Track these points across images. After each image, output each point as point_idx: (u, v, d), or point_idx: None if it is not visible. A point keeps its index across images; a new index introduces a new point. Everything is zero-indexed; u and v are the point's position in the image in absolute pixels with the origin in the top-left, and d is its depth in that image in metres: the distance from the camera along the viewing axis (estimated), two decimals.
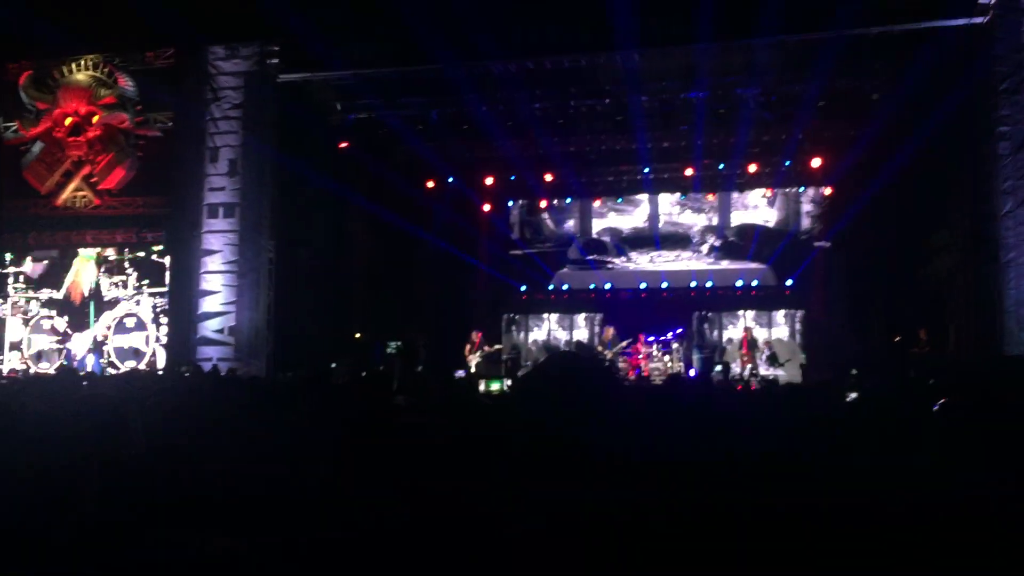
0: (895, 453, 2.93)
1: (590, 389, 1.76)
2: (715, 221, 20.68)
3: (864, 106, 16.21)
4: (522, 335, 21.39)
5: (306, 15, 15.41)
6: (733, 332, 19.74)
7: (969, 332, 15.26)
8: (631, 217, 21.17)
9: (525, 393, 1.89)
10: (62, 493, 2.90)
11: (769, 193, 20.19)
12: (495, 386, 6.08)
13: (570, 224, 21.71)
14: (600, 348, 18.60)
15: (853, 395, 6.50)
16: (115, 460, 3.10)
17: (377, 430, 2.64)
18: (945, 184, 15.96)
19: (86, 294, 17.62)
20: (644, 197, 20.82)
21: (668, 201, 20.87)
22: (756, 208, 20.51)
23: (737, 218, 20.66)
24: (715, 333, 20.04)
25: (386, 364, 17.22)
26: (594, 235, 21.53)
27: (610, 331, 18.56)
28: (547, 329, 21.24)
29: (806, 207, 20.13)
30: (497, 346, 19.29)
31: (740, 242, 20.59)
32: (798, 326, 19.59)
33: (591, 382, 1.81)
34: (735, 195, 20.40)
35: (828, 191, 19.38)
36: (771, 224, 20.47)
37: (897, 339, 16.51)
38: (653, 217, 20.86)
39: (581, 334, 20.97)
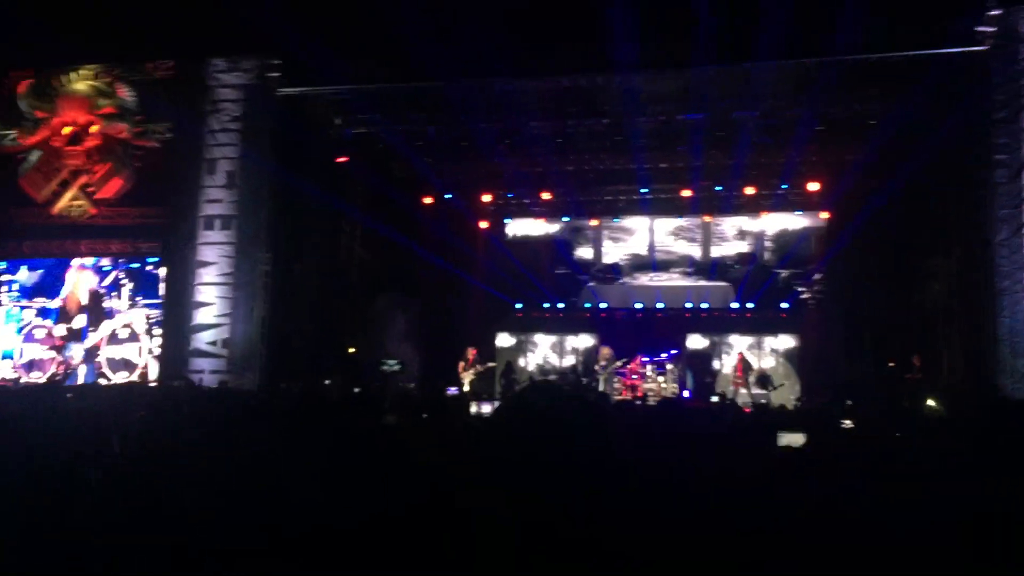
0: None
1: (570, 430, 1.68)
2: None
3: (862, 132, 16.25)
4: (518, 354, 21.34)
5: (307, 30, 15.46)
6: (727, 356, 19.71)
7: (963, 359, 15.27)
8: (626, 244, 21.18)
9: (497, 429, 1.77)
10: (31, 505, 2.87)
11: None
12: (487, 408, 6.02)
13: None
14: (595, 368, 18.58)
15: (848, 423, 6.50)
16: (88, 472, 3.07)
17: (361, 450, 2.61)
18: (940, 211, 16.02)
19: (84, 303, 17.58)
20: (640, 224, 20.81)
21: (663, 230, 20.87)
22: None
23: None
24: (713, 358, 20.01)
25: (381, 381, 17.16)
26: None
27: (606, 351, 18.53)
28: (543, 347, 21.17)
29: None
30: (490, 363, 19.23)
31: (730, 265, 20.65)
32: (793, 351, 19.56)
33: (572, 420, 1.71)
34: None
35: (824, 216, 19.41)
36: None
37: (891, 365, 16.50)
38: (650, 245, 20.86)
39: (583, 342, 20.90)
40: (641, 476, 2.14)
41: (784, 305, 19.82)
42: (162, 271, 17.21)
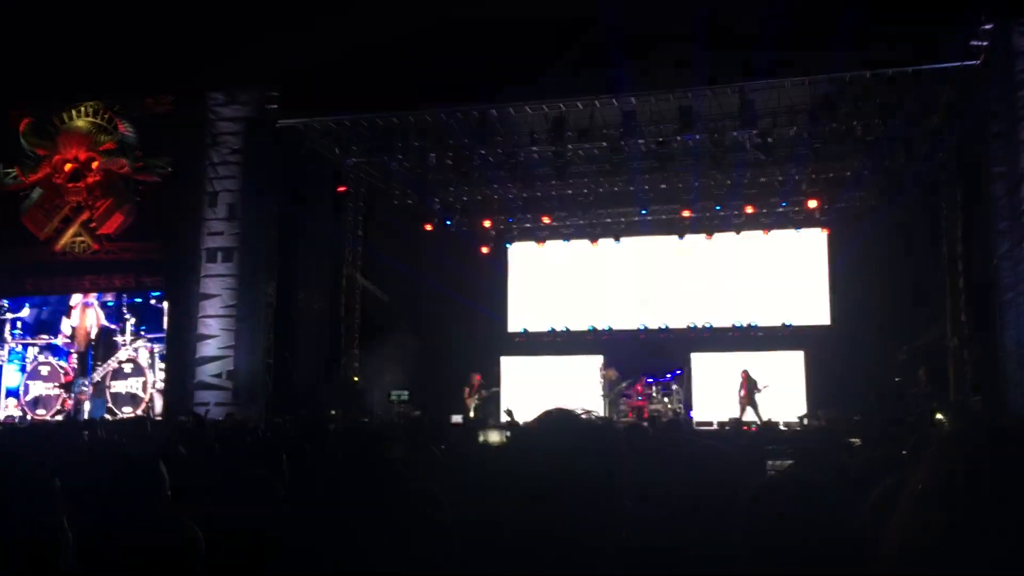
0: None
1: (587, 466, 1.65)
2: None
3: (859, 148, 16.29)
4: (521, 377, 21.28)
5: (304, 61, 15.58)
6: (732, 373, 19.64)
7: (968, 373, 15.23)
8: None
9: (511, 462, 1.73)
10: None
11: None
12: (494, 437, 5.99)
13: None
14: (602, 390, 18.53)
15: (856, 440, 6.47)
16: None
17: (365, 485, 2.60)
18: (940, 225, 16.04)
19: (91, 339, 17.61)
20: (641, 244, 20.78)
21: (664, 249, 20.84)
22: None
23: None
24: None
25: (386, 412, 17.10)
26: None
27: (612, 372, 18.47)
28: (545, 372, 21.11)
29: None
30: (494, 389, 19.19)
31: None
32: (798, 367, 19.50)
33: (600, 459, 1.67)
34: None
35: (824, 232, 19.43)
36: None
37: (896, 380, 16.46)
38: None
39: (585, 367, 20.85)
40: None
41: (788, 323, 19.78)
42: (165, 305, 17.23)
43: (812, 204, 18.52)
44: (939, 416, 13.48)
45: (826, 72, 14.12)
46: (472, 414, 17.60)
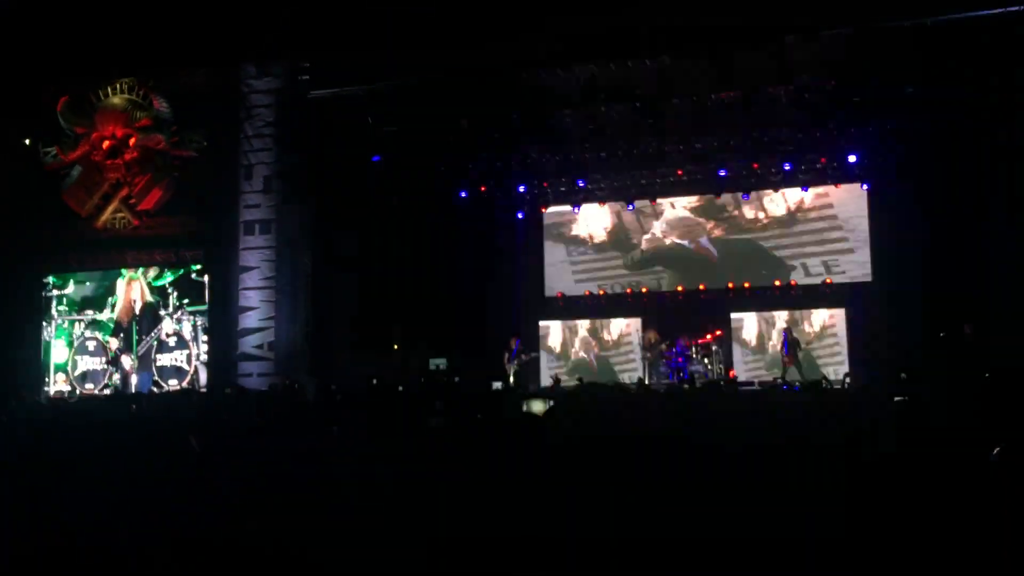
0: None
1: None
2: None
3: (900, 101, 15.93)
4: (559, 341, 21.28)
5: (335, 31, 15.53)
6: (773, 333, 19.49)
7: (1015, 326, 14.96)
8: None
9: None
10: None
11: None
12: (537, 406, 6.01)
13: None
14: (641, 351, 18.52)
15: (901, 398, 6.39)
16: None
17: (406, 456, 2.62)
18: (985, 177, 15.68)
19: (136, 313, 17.88)
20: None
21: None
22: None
23: None
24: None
25: (427, 378, 17.19)
26: None
27: (652, 334, 18.41)
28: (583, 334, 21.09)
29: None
30: (534, 354, 19.22)
31: None
32: (840, 325, 19.29)
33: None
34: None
35: (865, 188, 19.08)
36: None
37: (941, 335, 16.21)
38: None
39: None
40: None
41: (829, 280, 19.54)
42: (206, 278, 17.43)
43: (852, 159, 18.17)
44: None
45: (864, 23, 13.78)
46: (512, 380, 17.65)
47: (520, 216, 21.22)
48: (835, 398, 8.93)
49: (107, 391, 17.43)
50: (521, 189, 20.47)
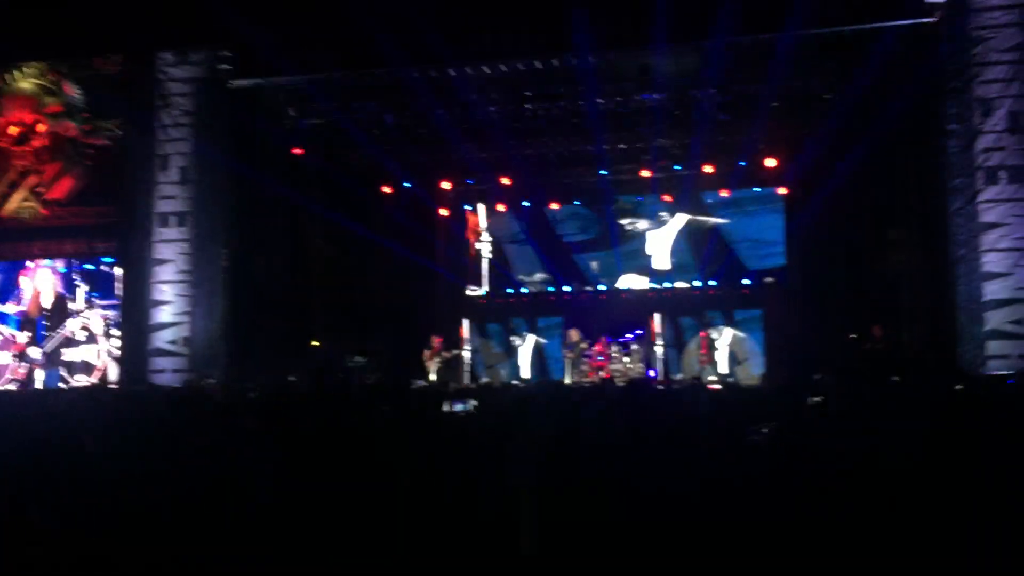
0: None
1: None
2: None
3: (817, 106, 16.34)
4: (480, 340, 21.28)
5: (257, 19, 15.20)
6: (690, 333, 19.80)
7: (923, 328, 15.47)
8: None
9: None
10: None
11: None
12: (458, 407, 5.96)
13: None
14: (564, 350, 18.63)
15: (816, 399, 6.52)
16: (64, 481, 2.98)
17: (328, 453, 2.54)
18: (898, 182, 16.18)
19: (45, 307, 17.27)
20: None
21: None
22: None
23: None
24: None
25: (347, 375, 16.98)
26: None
27: (575, 333, 18.52)
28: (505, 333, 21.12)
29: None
30: (455, 351, 19.18)
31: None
32: (757, 326, 19.68)
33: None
34: None
35: (783, 191, 19.51)
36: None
37: (852, 336, 16.66)
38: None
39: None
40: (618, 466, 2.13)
41: (746, 281, 19.93)
42: (118, 271, 16.93)
43: (771, 163, 18.56)
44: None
45: (784, 30, 14.06)
46: (433, 377, 17.57)
47: (444, 213, 21.16)
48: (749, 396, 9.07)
49: (12, 386, 16.79)
50: (445, 186, 20.39)
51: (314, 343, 18.14)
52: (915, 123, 14.80)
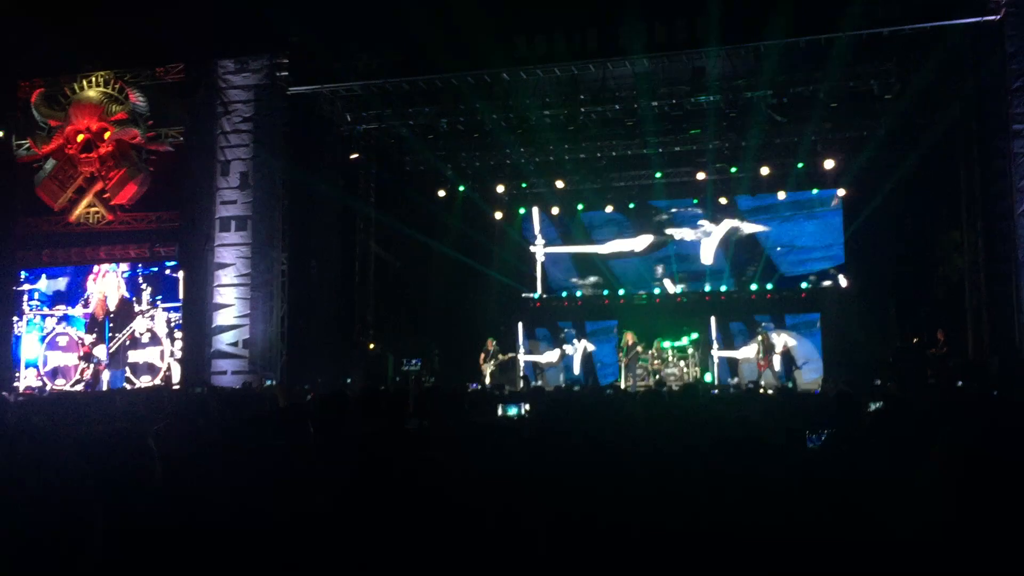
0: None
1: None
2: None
3: (876, 107, 16.07)
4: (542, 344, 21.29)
5: (314, 28, 15.44)
6: (748, 337, 19.58)
7: (986, 332, 15.10)
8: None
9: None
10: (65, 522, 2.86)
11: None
12: (512, 411, 5.97)
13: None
14: (619, 354, 18.52)
15: (877, 404, 6.41)
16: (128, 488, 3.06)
17: (384, 463, 2.58)
18: (960, 184, 15.83)
19: (111, 309, 17.71)
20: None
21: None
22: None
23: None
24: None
25: (403, 378, 17.09)
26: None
27: (630, 336, 18.40)
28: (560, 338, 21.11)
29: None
30: (511, 354, 19.20)
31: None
32: (815, 330, 19.40)
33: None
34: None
35: (841, 192, 19.21)
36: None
37: (915, 341, 16.35)
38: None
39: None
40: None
41: (804, 285, 19.67)
42: (180, 274, 17.28)
43: (829, 164, 18.28)
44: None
45: (842, 30, 13.86)
46: (488, 380, 17.62)
47: (498, 217, 21.23)
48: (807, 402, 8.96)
49: (78, 387, 17.25)
50: (499, 189, 20.46)
51: (370, 345, 18.33)
52: (978, 123, 14.48)
